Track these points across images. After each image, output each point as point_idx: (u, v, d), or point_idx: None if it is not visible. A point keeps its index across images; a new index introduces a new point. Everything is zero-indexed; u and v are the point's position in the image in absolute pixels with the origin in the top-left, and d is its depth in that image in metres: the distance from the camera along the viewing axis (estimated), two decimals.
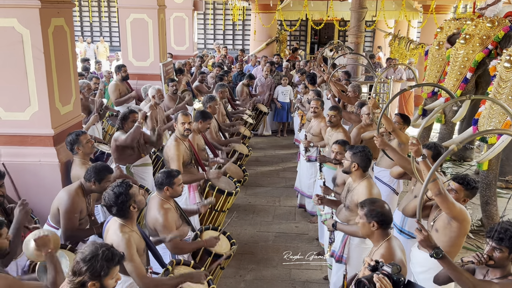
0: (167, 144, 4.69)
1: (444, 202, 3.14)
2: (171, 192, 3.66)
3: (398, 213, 4.22)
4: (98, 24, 20.81)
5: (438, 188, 3.08)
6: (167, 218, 3.56)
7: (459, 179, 3.41)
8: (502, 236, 2.60)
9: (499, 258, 2.63)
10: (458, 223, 3.21)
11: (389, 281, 1.98)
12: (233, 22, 20.07)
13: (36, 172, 4.34)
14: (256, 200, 6.85)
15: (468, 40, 6.27)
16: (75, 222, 3.62)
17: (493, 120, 5.17)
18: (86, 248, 2.33)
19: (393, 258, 2.74)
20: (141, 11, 7.99)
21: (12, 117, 4.40)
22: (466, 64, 6.34)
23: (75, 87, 4.91)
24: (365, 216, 2.91)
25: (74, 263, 2.28)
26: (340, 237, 3.88)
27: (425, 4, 13.18)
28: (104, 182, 3.65)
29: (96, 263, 2.26)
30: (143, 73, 8.24)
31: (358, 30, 9.50)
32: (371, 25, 16.42)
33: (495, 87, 5.29)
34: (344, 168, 3.91)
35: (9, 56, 4.23)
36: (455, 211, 3.18)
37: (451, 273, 2.72)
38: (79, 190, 3.68)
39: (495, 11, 6.74)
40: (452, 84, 6.49)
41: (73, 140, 4.13)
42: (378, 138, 4.14)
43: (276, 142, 9.92)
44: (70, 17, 4.76)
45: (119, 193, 3.06)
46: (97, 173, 3.64)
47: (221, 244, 3.93)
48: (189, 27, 11.96)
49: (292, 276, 4.88)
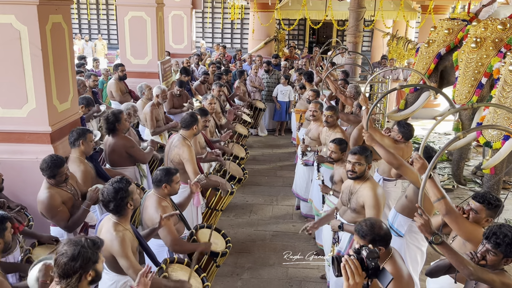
0: (176, 145, 4.62)
1: (454, 223, 2.97)
2: (169, 190, 3.66)
3: (392, 211, 4.25)
4: (96, 21, 20.75)
5: (446, 208, 2.93)
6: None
7: (479, 198, 3.10)
8: (499, 242, 2.55)
9: (491, 260, 2.60)
10: (473, 246, 2.94)
11: (357, 263, 1.95)
12: (231, 21, 20.05)
13: (33, 170, 4.32)
14: (253, 199, 6.85)
15: (479, 44, 5.98)
16: (62, 215, 3.64)
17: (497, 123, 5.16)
18: (65, 248, 2.28)
19: (401, 274, 2.61)
20: (139, 9, 7.98)
21: (9, 114, 4.39)
22: (480, 69, 6.00)
23: (72, 85, 4.90)
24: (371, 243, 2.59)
25: (62, 266, 2.23)
26: (347, 237, 3.87)
27: (424, 4, 13.21)
28: (59, 177, 3.64)
29: (86, 254, 2.26)
30: (141, 71, 8.23)
31: (357, 30, 9.52)
32: (369, 25, 16.43)
33: (499, 90, 5.22)
34: (359, 173, 3.75)
35: (6, 53, 4.21)
36: (467, 232, 2.97)
37: (451, 258, 2.65)
38: (50, 186, 3.67)
39: (490, 12, 6.74)
40: (466, 90, 6.17)
41: (81, 134, 4.10)
42: (366, 133, 4.08)
43: (273, 141, 9.92)
44: (68, 14, 4.74)
45: (119, 189, 3.05)
46: (50, 169, 3.62)
47: (216, 242, 3.94)
48: (187, 26, 11.94)
49: (289, 275, 4.88)
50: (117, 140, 4.78)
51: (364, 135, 4.11)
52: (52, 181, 3.66)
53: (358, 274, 1.92)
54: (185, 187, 4.61)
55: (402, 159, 3.92)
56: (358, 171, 3.73)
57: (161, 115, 6.42)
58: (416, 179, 3.80)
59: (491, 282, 2.59)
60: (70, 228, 3.70)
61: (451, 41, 6.78)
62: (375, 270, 1.99)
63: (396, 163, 3.84)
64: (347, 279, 1.92)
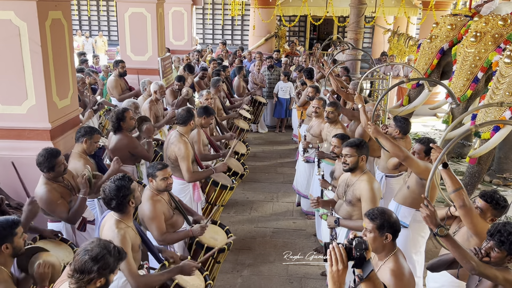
0: (173, 142, 4.62)
1: (468, 216, 2.97)
2: (155, 185, 3.62)
3: (393, 203, 4.25)
4: (97, 18, 20.72)
5: (463, 199, 2.92)
6: (154, 210, 3.54)
7: (487, 197, 3.10)
8: (503, 240, 2.55)
9: (495, 257, 2.60)
10: (479, 241, 2.98)
11: (344, 251, 1.99)
12: (232, 17, 19.99)
13: (33, 167, 4.29)
14: (254, 196, 6.84)
15: (479, 38, 6.02)
16: (62, 207, 3.66)
17: (489, 115, 5.22)
18: (91, 246, 2.28)
19: (403, 272, 2.59)
20: (139, 5, 7.95)
21: (9, 111, 4.38)
22: (477, 63, 6.06)
23: (72, 81, 4.89)
24: (378, 230, 2.62)
25: (81, 262, 2.23)
26: (344, 233, 3.87)
27: (425, 1, 13.16)
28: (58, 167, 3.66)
29: (108, 260, 2.26)
30: (141, 67, 8.21)
31: (357, 26, 9.48)
32: (370, 21, 16.38)
33: (494, 82, 5.30)
34: (352, 165, 3.80)
35: (6, 49, 4.20)
36: (479, 227, 2.97)
37: (455, 251, 2.65)
38: (47, 181, 3.68)
39: (492, 8, 6.72)
40: (462, 84, 6.23)
41: (88, 132, 4.09)
42: (371, 126, 4.05)
43: (274, 137, 9.91)
44: (68, 10, 4.73)
45: (121, 186, 3.04)
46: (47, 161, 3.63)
47: (216, 238, 3.94)
48: (188, 22, 11.91)
49: (290, 271, 4.88)
50: (121, 138, 4.74)
51: (369, 127, 4.07)
52: (51, 175, 3.66)
53: (341, 261, 1.96)
54: (183, 183, 4.61)
55: (408, 151, 3.91)
56: (350, 163, 3.80)
57: (160, 111, 6.40)
58: (421, 170, 3.81)
59: (494, 278, 2.59)
60: (71, 220, 3.71)
61: (454, 37, 6.78)
62: (361, 261, 2.04)
63: (402, 155, 3.83)
64: (331, 265, 1.97)
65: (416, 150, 4.05)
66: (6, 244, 2.67)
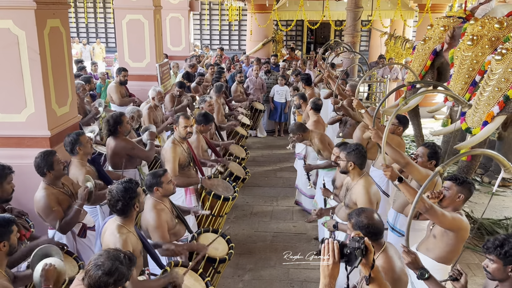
0: (164, 146, 4.68)
1: (434, 217, 3.12)
2: (162, 191, 3.63)
3: (392, 211, 4.25)
4: (94, 25, 20.76)
5: (424, 205, 3.05)
6: (158, 219, 3.54)
7: (449, 178, 3.36)
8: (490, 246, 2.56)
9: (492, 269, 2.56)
10: (454, 233, 3.19)
11: (337, 247, 2.04)
12: (229, 23, 20.06)
13: (32, 174, 4.30)
14: (253, 200, 6.85)
15: (475, 41, 6.00)
16: (56, 215, 3.65)
17: (478, 111, 5.25)
18: (102, 260, 2.26)
19: (393, 268, 2.62)
20: (137, 12, 7.99)
21: (8, 119, 4.39)
22: (475, 67, 6.03)
23: (71, 89, 4.90)
24: (353, 229, 2.71)
25: (96, 278, 2.21)
26: (343, 236, 3.87)
27: (421, 3, 13.21)
28: (57, 165, 3.69)
29: (121, 270, 2.26)
30: (139, 74, 8.23)
31: (354, 30, 9.53)
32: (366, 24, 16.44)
33: (485, 79, 5.36)
34: (342, 169, 3.92)
35: (4, 58, 4.22)
36: (447, 222, 3.14)
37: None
38: (47, 186, 3.68)
39: (487, 10, 6.75)
40: (460, 87, 6.19)
41: (74, 140, 4.07)
42: (372, 130, 4.06)
43: (273, 142, 9.92)
44: (66, 18, 4.75)
45: (129, 188, 3.05)
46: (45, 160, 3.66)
47: (217, 248, 3.91)
48: (185, 28, 11.95)
49: (290, 275, 4.88)
50: (118, 142, 4.77)
51: (371, 132, 4.08)
52: (52, 176, 3.66)
53: (333, 256, 2.02)
54: None
55: (409, 158, 3.90)
56: (340, 165, 3.95)
57: (159, 117, 6.42)
58: (422, 177, 3.80)
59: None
60: (63, 229, 3.67)
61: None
62: (350, 259, 2.08)
63: (403, 161, 3.82)
64: (323, 259, 2.04)
65: (419, 153, 4.06)
66: (4, 242, 2.68)
